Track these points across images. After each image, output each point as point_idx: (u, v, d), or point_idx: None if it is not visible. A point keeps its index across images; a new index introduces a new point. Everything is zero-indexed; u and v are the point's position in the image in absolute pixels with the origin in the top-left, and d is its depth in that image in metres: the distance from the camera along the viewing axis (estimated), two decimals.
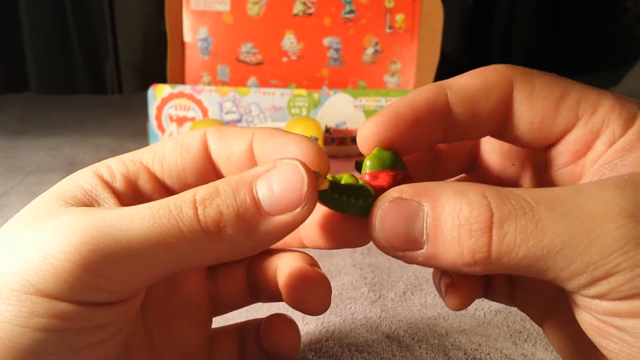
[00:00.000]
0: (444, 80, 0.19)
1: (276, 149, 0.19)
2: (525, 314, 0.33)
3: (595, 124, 0.18)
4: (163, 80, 0.72)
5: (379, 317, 0.33)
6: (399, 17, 0.77)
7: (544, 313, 0.21)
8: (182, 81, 0.76)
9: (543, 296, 0.21)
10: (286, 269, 0.23)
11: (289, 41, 0.76)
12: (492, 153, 0.23)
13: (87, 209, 0.17)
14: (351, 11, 0.76)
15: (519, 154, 0.22)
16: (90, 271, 0.15)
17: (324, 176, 0.18)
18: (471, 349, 0.29)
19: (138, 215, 0.16)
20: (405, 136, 0.19)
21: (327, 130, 0.69)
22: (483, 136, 0.20)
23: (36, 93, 1.24)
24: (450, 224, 0.15)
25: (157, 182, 0.20)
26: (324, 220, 0.21)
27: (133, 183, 0.19)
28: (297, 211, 0.16)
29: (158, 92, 0.66)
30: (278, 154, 0.19)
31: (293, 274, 0.22)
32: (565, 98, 0.18)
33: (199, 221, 0.16)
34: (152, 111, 0.66)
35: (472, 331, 0.31)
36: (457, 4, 1.42)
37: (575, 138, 0.18)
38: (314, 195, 0.17)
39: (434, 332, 0.31)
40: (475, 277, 0.23)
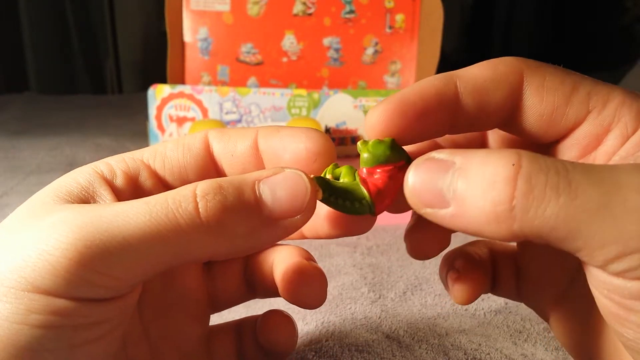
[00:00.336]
0: (454, 70, 0.19)
1: (285, 142, 0.19)
2: (525, 314, 0.33)
3: (606, 118, 0.18)
4: (163, 80, 0.72)
5: (379, 317, 0.33)
6: (399, 17, 0.77)
7: (551, 308, 0.21)
8: (182, 81, 0.76)
9: (550, 291, 0.21)
10: (282, 263, 0.23)
11: (289, 41, 0.76)
12: (500, 145, 0.22)
13: (83, 206, 0.17)
14: (351, 11, 0.76)
15: (526, 148, 0.22)
16: (86, 267, 0.15)
17: (319, 189, 0.18)
18: (471, 349, 0.29)
19: (134, 210, 0.16)
20: (412, 124, 0.18)
21: (327, 130, 0.69)
22: (491, 128, 0.20)
23: (36, 93, 1.24)
24: (475, 178, 0.15)
25: (158, 180, 0.20)
26: (323, 209, 0.21)
27: (133, 180, 0.19)
28: (297, 218, 0.17)
29: (158, 92, 0.66)
30: (288, 147, 0.19)
31: (289, 268, 0.22)
32: (576, 91, 0.18)
33: (199, 215, 0.16)
34: (152, 111, 0.66)
35: (472, 331, 0.31)
36: (457, 4, 1.42)
37: (585, 131, 0.18)
38: (314, 205, 0.17)
39: (434, 332, 0.31)
40: (481, 272, 0.23)
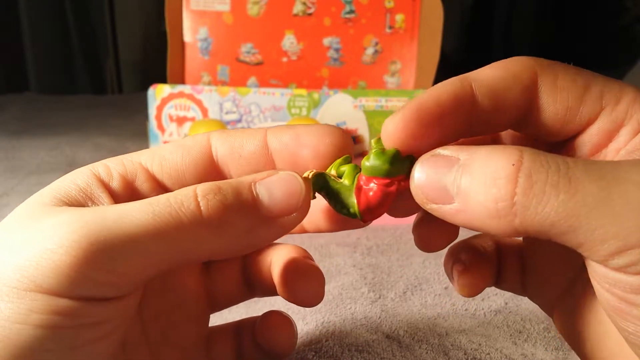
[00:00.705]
0: (466, 73, 0.19)
1: (303, 139, 0.19)
2: (525, 314, 0.33)
3: (619, 115, 0.18)
4: (163, 80, 0.72)
5: (379, 317, 0.33)
6: (399, 17, 0.77)
7: (555, 302, 0.21)
8: (182, 81, 0.76)
9: (554, 285, 0.21)
10: (280, 262, 0.23)
11: (289, 41, 0.76)
12: (511, 143, 0.22)
13: (85, 208, 0.17)
14: (351, 11, 0.76)
15: (538, 146, 0.22)
16: (90, 264, 0.15)
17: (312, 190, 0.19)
18: (471, 349, 0.29)
19: (137, 209, 0.16)
20: (430, 131, 0.18)
21: None
22: (505, 129, 0.20)
23: (36, 93, 1.24)
24: (478, 174, 0.15)
25: (156, 183, 0.20)
26: (322, 203, 0.21)
27: (130, 183, 0.19)
28: (292, 216, 0.18)
29: (158, 92, 0.66)
30: (307, 144, 0.19)
31: (286, 267, 0.23)
32: (588, 89, 0.18)
33: (201, 213, 0.17)
34: (152, 111, 0.66)
35: (472, 331, 0.31)
36: (457, 4, 1.42)
37: (598, 129, 0.18)
38: (308, 205, 0.18)
39: (434, 332, 0.31)
40: (487, 264, 0.23)
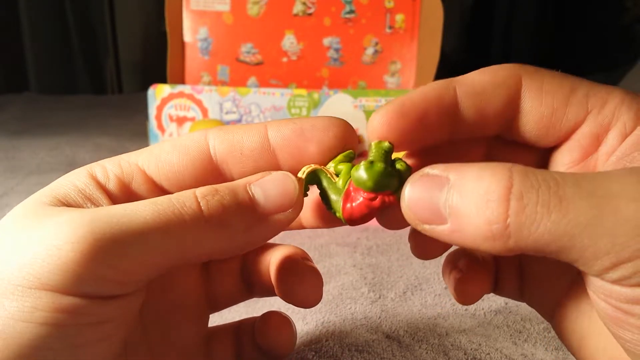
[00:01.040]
0: (454, 74, 0.19)
1: (308, 133, 0.19)
2: (525, 314, 0.33)
3: (605, 118, 0.18)
4: (163, 80, 0.72)
5: (379, 317, 0.33)
6: (399, 17, 0.77)
7: (554, 308, 0.21)
8: (182, 81, 0.76)
9: (553, 291, 0.21)
10: (279, 263, 0.23)
11: (289, 41, 0.76)
12: (503, 151, 0.22)
13: (90, 208, 0.17)
14: (351, 11, 0.76)
15: (529, 153, 0.22)
16: (96, 261, 0.15)
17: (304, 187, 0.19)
18: (471, 349, 0.29)
19: (142, 207, 0.16)
20: (413, 128, 0.19)
21: None
22: (493, 133, 0.20)
23: (36, 93, 1.24)
24: (469, 195, 0.15)
25: (154, 185, 0.20)
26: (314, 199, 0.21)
27: (126, 185, 0.19)
28: (289, 212, 0.18)
29: (158, 92, 0.66)
30: (312, 138, 0.19)
31: (284, 268, 0.23)
32: (574, 93, 0.18)
33: (202, 212, 0.17)
34: (152, 111, 0.66)
35: (472, 331, 0.31)
36: (457, 4, 1.42)
37: (585, 132, 0.18)
38: (302, 201, 0.19)
39: (434, 332, 0.31)
40: (484, 272, 0.23)
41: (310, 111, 0.68)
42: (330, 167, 0.19)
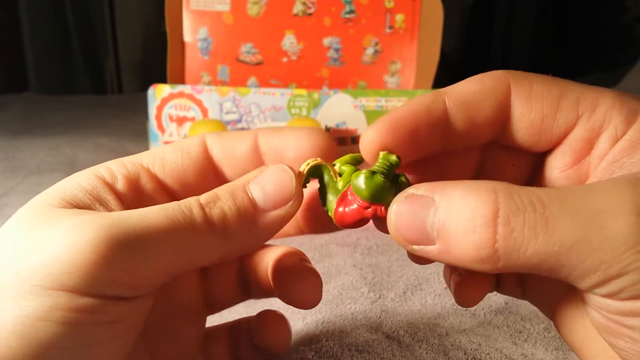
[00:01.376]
0: (444, 87, 0.19)
1: (288, 141, 0.20)
2: (525, 314, 0.33)
3: (596, 121, 0.18)
4: (163, 80, 0.72)
5: (379, 317, 0.33)
6: (399, 17, 0.77)
7: (555, 306, 0.21)
8: (182, 81, 0.76)
9: (554, 289, 0.21)
10: (277, 265, 0.23)
11: (289, 41, 0.76)
12: (499, 157, 0.22)
13: (100, 212, 0.18)
14: (351, 11, 0.76)
15: (523, 158, 0.22)
16: (112, 265, 0.16)
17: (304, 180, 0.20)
18: (471, 349, 0.29)
19: (154, 214, 0.17)
20: (404, 142, 0.19)
21: (327, 130, 0.69)
22: (485, 142, 0.20)
23: (36, 93, 1.24)
24: (456, 219, 0.15)
25: (158, 183, 0.20)
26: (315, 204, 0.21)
27: (134, 183, 0.20)
28: (289, 205, 0.19)
29: (158, 92, 0.66)
30: (291, 145, 0.20)
31: (283, 269, 0.23)
32: (564, 97, 0.18)
33: (207, 219, 0.18)
34: (152, 111, 0.66)
35: (472, 331, 0.31)
36: (457, 4, 1.42)
37: (577, 137, 0.18)
38: (301, 191, 0.19)
39: (434, 332, 0.31)
40: (484, 275, 0.23)
41: (310, 111, 0.68)
42: (335, 166, 0.20)
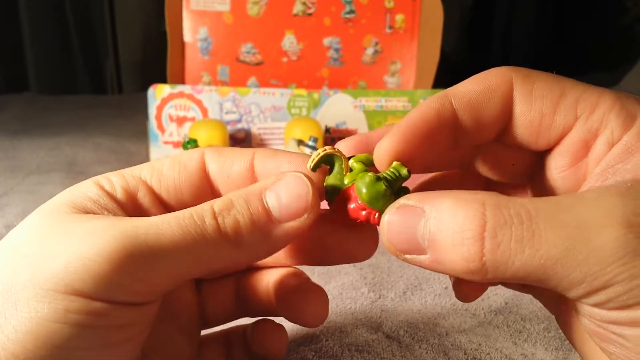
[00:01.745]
0: (448, 88, 0.19)
1: (282, 165, 0.20)
2: (525, 314, 0.33)
3: (593, 124, 0.18)
4: (163, 80, 0.72)
5: (379, 317, 0.33)
6: (399, 17, 0.77)
7: (557, 302, 0.21)
8: (182, 81, 0.76)
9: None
10: (281, 285, 0.23)
11: (289, 41, 0.76)
12: (496, 158, 0.22)
13: (114, 217, 0.18)
14: (351, 11, 0.76)
15: (522, 157, 0.22)
16: (125, 273, 0.16)
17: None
18: (471, 349, 0.29)
19: (166, 223, 0.17)
20: (419, 149, 0.19)
21: (327, 130, 0.69)
22: (491, 140, 0.20)
23: (36, 93, 1.24)
24: (445, 231, 0.16)
25: (155, 197, 0.21)
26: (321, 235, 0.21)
27: (132, 196, 0.20)
28: (304, 217, 0.18)
29: (158, 92, 0.66)
30: (284, 170, 0.20)
31: (289, 289, 0.23)
32: (564, 97, 0.18)
33: (220, 230, 0.17)
34: (152, 111, 0.66)
35: (472, 331, 0.31)
36: (457, 4, 1.42)
37: (574, 138, 0.18)
38: (318, 203, 0.18)
39: (434, 332, 0.31)
40: None
41: (310, 111, 0.68)
42: (349, 161, 0.20)
